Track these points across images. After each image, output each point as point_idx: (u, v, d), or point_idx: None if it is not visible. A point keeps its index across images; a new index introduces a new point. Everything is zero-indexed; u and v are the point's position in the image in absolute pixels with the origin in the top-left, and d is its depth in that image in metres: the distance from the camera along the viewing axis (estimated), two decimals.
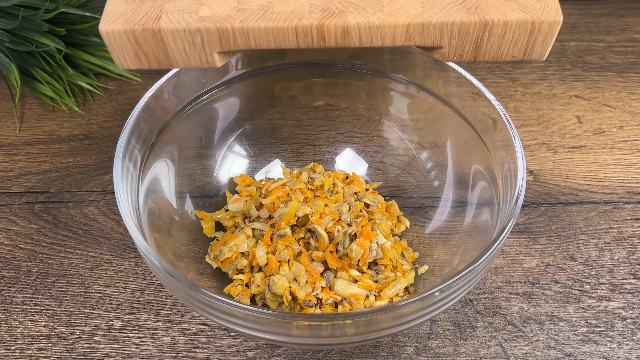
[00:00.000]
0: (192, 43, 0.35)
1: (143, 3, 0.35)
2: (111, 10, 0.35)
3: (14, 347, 0.47)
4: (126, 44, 0.35)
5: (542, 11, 0.34)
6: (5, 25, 0.59)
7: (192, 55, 0.36)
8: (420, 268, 0.49)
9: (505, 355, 0.46)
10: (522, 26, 0.34)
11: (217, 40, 0.35)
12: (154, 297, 0.49)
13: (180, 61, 0.37)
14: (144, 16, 0.35)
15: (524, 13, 0.34)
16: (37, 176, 0.58)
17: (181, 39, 0.35)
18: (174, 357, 0.46)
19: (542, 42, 0.35)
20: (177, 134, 0.51)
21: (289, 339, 0.39)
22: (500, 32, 0.34)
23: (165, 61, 0.37)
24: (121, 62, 0.37)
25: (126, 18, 0.35)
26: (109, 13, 0.35)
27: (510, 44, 0.35)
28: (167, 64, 0.37)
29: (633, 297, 0.49)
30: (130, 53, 0.36)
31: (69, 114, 0.63)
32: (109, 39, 0.35)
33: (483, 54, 0.36)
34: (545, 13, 0.34)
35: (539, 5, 0.34)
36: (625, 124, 0.62)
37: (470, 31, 0.35)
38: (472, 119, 0.49)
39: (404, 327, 0.39)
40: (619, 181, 0.57)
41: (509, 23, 0.34)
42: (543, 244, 0.52)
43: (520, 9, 0.34)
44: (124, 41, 0.35)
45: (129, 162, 0.44)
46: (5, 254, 0.52)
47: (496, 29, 0.34)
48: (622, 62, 0.68)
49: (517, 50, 0.36)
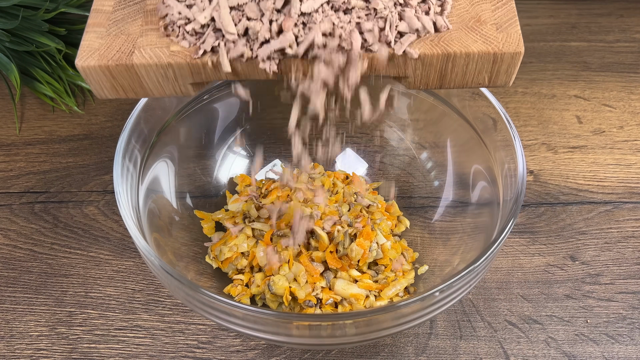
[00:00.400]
0: (165, 76, 0.36)
1: (117, 38, 0.37)
2: (87, 45, 0.36)
3: (14, 347, 0.47)
4: (102, 77, 0.36)
5: (504, 42, 0.35)
6: (5, 25, 0.59)
7: (166, 87, 0.37)
8: (420, 268, 0.49)
9: (505, 355, 0.46)
10: (484, 57, 0.35)
11: (189, 73, 0.36)
12: (154, 297, 0.49)
13: (155, 91, 0.38)
14: (118, 51, 0.36)
15: (485, 45, 0.35)
16: (37, 176, 0.58)
17: (154, 73, 0.36)
18: (174, 357, 0.46)
19: (505, 70, 0.36)
20: (177, 134, 0.51)
21: (289, 339, 0.39)
22: (463, 63, 0.35)
23: (141, 91, 0.38)
24: (99, 93, 0.38)
25: (100, 53, 0.36)
26: (84, 48, 0.36)
27: (474, 72, 0.36)
28: (143, 94, 0.38)
29: (633, 297, 0.49)
30: (107, 85, 0.37)
31: (69, 114, 0.63)
32: (85, 74, 0.36)
33: (448, 82, 0.37)
34: (507, 44, 0.35)
35: (501, 37, 0.35)
36: (626, 124, 0.62)
37: (434, 62, 0.35)
38: (472, 119, 0.49)
39: (404, 327, 0.39)
40: (619, 181, 0.57)
41: (471, 55, 0.35)
42: (543, 244, 0.52)
43: (483, 40, 0.35)
44: (99, 75, 0.36)
45: (129, 162, 0.44)
46: (5, 254, 0.52)
47: (459, 60, 0.35)
48: (622, 62, 0.68)
49: (481, 78, 0.36)
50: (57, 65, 0.63)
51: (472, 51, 0.34)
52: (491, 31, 0.35)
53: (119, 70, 0.36)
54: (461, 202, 0.50)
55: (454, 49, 0.35)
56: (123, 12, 0.38)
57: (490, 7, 0.36)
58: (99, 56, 0.36)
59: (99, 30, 0.37)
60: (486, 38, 0.35)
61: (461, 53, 0.35)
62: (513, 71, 0.36)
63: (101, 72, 0.36)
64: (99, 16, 0.38)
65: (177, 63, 0.36)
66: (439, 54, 0.35)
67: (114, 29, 0.37)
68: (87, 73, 0.36)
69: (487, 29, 0.35)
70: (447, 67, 0.36)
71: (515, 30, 0.35)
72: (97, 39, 0.37)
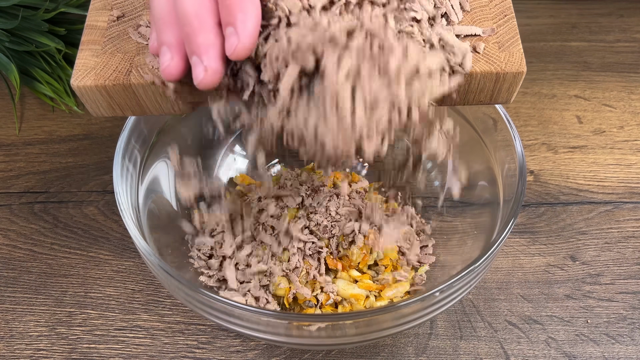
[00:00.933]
0: (163, 95, 0.36)
1: (113, 56, 0.36)
2: (82, 64, 0.36)
3: (14, 348, 0.46)
4: (98, 97, 0.36)
5: (506, 62, 0.35)
6: (5, 25, 0.59)
7: (164, 105, 0.37)
8: (420, 268, 0.49)
9: (506, 355, 0.46)
10: (486, 77, 0.35)
11: (188, 92, 0.35)
12: (154, 297, 0.49)
13: (153, 110, 0.37)
14: (114, 70, 0.35)
15: (488, 64, 0.35)
16: (37, 176, 0.58)
17: (152, 92, 0.35)
18: (174, 357, 0.46)
19: (507, 89, 0.36)
20: (177, 134, 0.51)
21: (289, 339, 0.39)
22: (465, 82, 0.35)
23: (138, 110, 0.37)
24: (95, 111, 0.37)
25: (97, 73, 0.35)
26: (79, 67, 0.35)
27: (476, 91, 0.36)
28: (140, 112, 0.37)
29: (633, 297, 0.49)
30: (103, 104, 0.36)
31: (69, 114, 0.63)
32: (80, 93, 0.35)
33: (449, 101, 0.36)
34: (510, 64, 0.34)
35: (504, 56, 0.35)
36: (626, 124, 0.62)
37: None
38: (472, 119, 0.49)
39: (404, 327, 0.39)
40: (619, 181, 0.57)
41: (473, 74, 0.34)
42: (543, 244, 0.52)
43: (485, 59, 0.35)
44: (96, 95, 0.36)
45: (128, 162, 0.44)
46: (5, 254, 0.52)
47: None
48: (623, 62, 0.68)
49: (483, 96, 0.36)
50: (56, 65, 0.63)
51: (475, 71, 0.34)
52: (493, 50, 0.35)
53: (117, 90, 0.35)
54: (461, 202, 0.50)
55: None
56: (118, 29, 0.37)
57: (491, 24, 0.36)
58: (95, 75, 0.35)
59: (94, 48, 0.36)
60: (489, 57, 0.35)
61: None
62: (514, 89, 0.36)
63: (98, 92, 0.35)
64: (94, 32, 0.37)
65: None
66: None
67: (109, 47, 0.36)
68: (83, 93, 0.35)
69: (489, 47, 0.35)
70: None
71: (517, 50, 0.35)
72: (92, 57, 0.36)
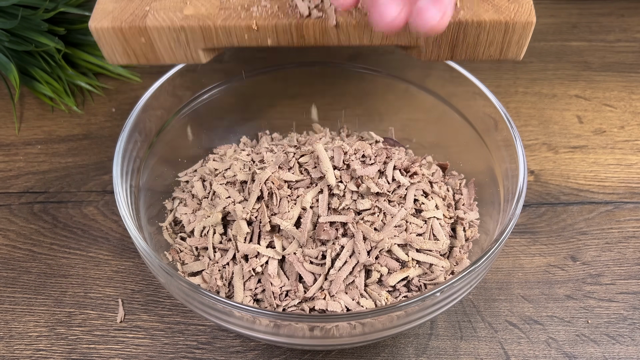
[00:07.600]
0: (177, 40, 0.37)
1: (131, 2, 0.37)
2: (101, 8, 0.36)
3: (13, 348, 0.46)
4: (114, 40, 0.37)
5: (515, 12, 0.35)
6: (4, 25, 0.59)
7: (177, 52, 0.38)
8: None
9: (506, 355, 0.46)
10: (496, 27, 0.35)
11: (201, 38, 0.36)
12: (153, 297, 0.49)
13: (166, 57, 0.38)
14: (131, 14, 0.36)
15: (497, 14, 0.35)
16: (37, 176, 0.58)
17: (166, 36, 0.36)
18: (174, 357, 0.46)
19: (517, 42, 0.36)
20: (177, 134, 0.51)
21: (289, 340, 0.38)
22: (474, 33, 0.35)
23: (152, 57, 0.38)
24: (110, 57, 0.38)
25: (114, 16, 0.36)
26: (98, 11, 0.36)
27: (486, 43, 0.36)
28: (155, 59, 0.38)
29: (634, 297, 0.49)
30: (118, 49, 0.37)
31: (68, 113, 0.63)
32: (97, 36, 0.36)
33: (460, 53, 0.37)
34: (519, 14, 0.35)
35: (513, 7, 0.35)
36: (626, 123, 0.62)
37: (445, 31, 0.35)
38: (472, 118, 0.49)
39: (405, 327, 0.38)
40: (619, 181, 0.57)
41: (482, 23, 0.35)
42: (544, 244, 0.52)
43: (494, 10, 0.35)
44: (112, 38, 0.36)
45: (128, 162, 0.44)
46: (4, 254, 0.52)
47: (470, 30, 0.35)
48: (623, 62, 0.68)
49: (492, 49, 0.37)
50: (56, 65, 0.63)
51: (483, 19, 0.34)
52: (503, 1, 0.35)
53: (132, 32, 0.36)
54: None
55: (466, 17, 0.34)
56: None
57: None
58: (113, 18, 0.36)
59: None
60: (498, 7, 0.35)
61: (472, 21, 0.34)
62: (524, 43, 0.36)
63: (114, 35, 0.36)
64: None
65: (189, 26, 0.36)
66: (451, 22, 0.34)
67: None
68: (99, 35, 0.36)
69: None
70: (458, 36, 0.35)
71: (526, 1, 0.35)
72: (111, 2, 0.37)
